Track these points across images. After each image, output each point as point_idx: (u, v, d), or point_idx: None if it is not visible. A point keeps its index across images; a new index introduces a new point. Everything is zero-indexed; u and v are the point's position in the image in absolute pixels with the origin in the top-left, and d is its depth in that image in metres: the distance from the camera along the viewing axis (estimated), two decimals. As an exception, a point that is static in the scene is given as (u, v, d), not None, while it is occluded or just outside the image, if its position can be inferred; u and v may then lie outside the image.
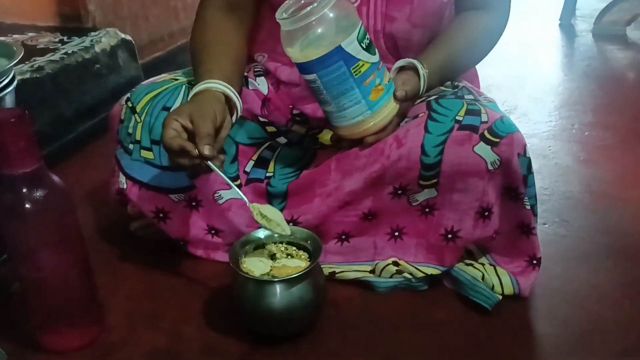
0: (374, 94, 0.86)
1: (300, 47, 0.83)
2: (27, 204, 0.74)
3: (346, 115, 0.88)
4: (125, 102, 0.99)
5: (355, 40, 0.82)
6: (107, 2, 1.74)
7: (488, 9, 0.99)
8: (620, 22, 2.24)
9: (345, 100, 0.86)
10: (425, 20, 0.95)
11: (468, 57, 1.02)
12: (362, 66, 0.83)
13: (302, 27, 0.81)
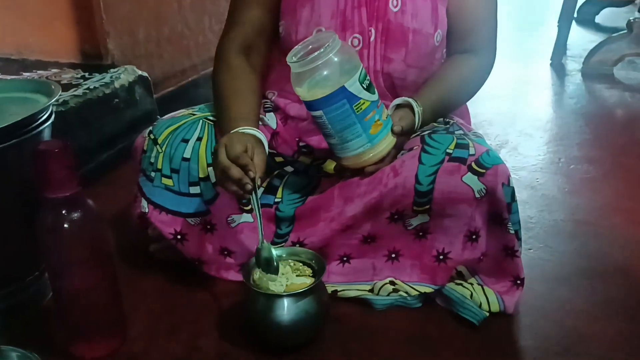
0: (374, 128, 0.96)
1: (308, 87, 0.94)
2: (65, 224, 0.84)
3: (349, 147, 0.98)
4: (147, 135, 1.09)
5: (357, 81, 0.93)
6: (125, 41, 1.87)
7: (476, 53, 1.11)
8: (607, 62, 2.37)
9: (348, 134, 0.96)
10: (419, 62, 1.07)
11: (458, 97, 1.13)
12: (363, 104, 0.94)
13: (310, 69, 0.92)
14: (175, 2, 2.09)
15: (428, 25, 1.05)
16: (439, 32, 1.06)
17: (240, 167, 0.89)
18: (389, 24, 1.03)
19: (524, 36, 3.10)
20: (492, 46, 1.14)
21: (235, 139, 0.93)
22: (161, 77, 2.01)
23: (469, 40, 1.11)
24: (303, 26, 1.05)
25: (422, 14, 1.04)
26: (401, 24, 1.03)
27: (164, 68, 2.06)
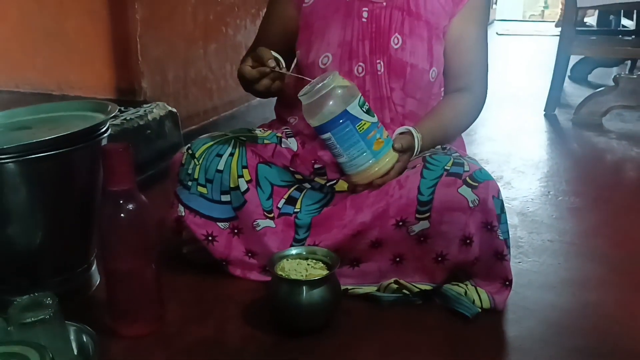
0: (376, 145, 1.13)
1: (317, 115, 1.11)
2: (122, 213, 1.00)
3: (356, 163, 1.14)
4: (186, 150, 1.26)
5: (357, 105, 1.10)
6: (156, 81, 2.08)
7: (470, 90, 1.29)
8: (596, 113, 2.56)
9: (354, 151, 1.12)
10: (415, 93, 1.25)
11: (454, 127, 1.31)
12: (365, 124, 1.11)
13: (317, 100, 1.10)
14: (201, 48, 2.32)
15: (424, 61, 1.23)
16: (434, 69, 1.25)
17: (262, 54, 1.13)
18: (391, 58, 1.22)
19: (520, 89, 3.33)
20: (484, 84, 1.32)
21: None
22: (186, 115, 2.20)
23: (464, 79, 1.29)
24: (313, 52, 1.25)
25: (419, 52, 1.23)
26: (401, 59, 1.22)
27: (188, 107, 2.26)
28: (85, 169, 1.14)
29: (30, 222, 1.11)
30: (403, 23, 1.22)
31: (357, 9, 1.24)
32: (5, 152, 1.02)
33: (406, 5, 1.22)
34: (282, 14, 1.32)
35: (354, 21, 1.23)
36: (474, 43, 1.27)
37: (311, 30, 1.26)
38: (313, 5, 1.26)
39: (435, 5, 1.23)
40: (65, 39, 2.03)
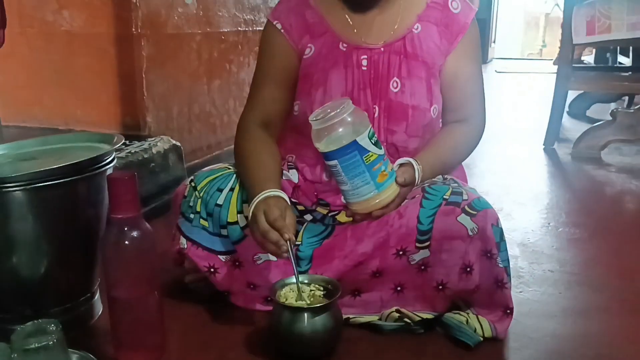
0: (380, 177, 1.14)
1: (325, 141, 1.12)
2: (126, 241, 1.01)
3: (359, 193, 1.15)
4: (189, 182, 1.28)
5: (366, 137, 1.11)
6: (161, 116, 2.12)
7: (467, 122, 1.31)
8: (595, 147, 2.59)
9: (358, 181, 1.13)
10: (418, 132, 1.26)
11: (453, 158, 1.32)
12: (372, 156, 1.12)
13: (328, 127, 1.11)
14: (205, 84, 2.37)
15: (424, 101, 1.24)
16: (434, 107, 1.27)
17: (277, 230, 1.04)
18: (391, 102, 1.22)
19: (519, 124, 3.37)
20: (481, 114, 1.34)
21: (272, 204, 1.07)
22: (189, 150, 2.23)
23: (461, 112, 1.31)
24: (317, 105, 1.22)
25: (419, 92, 1.23)
26: (401, 102, 1.23)
27: (192, 141, 2.30)
28: (90, 198, 1.16)
29: (34, 251, 1.12)
30: (401, 66, 1.23)
31: (357, 58, 1.23)
32: (13, 181, 1.04)
33: (403, 48, 1.24)
34: (286, 61, 1.29)
35: (354, 71, 1.23)
36: (469, 77, 1.30)
37: (311, 82, 1.25)
38: (313, 57, 1.26)
39: (431, 46, 1.25)
40: (73, 76, 2.08)
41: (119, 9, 1.97)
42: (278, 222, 1.04)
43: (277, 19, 1.28)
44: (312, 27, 1.26)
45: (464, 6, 1.27)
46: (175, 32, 2.15)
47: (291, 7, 1.28)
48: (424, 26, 1.24)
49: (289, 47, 1.27)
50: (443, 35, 1.25)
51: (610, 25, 2.49)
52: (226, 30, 2.48)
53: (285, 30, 1.27)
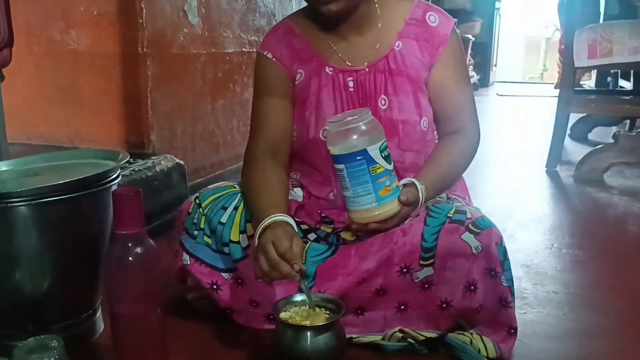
0: (383, 191, 1.15)
1: (339, 145, 1.13)
2: (130, 256, 1.01)
3: (359, 202, 1.15)
4: (194, 200, 1.29)
5: (377, 149, 1.12)
6: (165, 135, 2.13)
7: (461, 133, 1.31)
8: (598, 170, 2.60)
9: (361, 189, 1.13)
10: (411, 146, 1.27)
11: (453, 172, 1.32)
12: (379, 168, 1.13)
13: (343, 131, 1.12)
14: (209, 104, 2.39)
15: (414, 115, 1.26)
16: (424, 119, 1.28)
17: (287, 261, 1.04)
18: (381, 119, 1.23)
19: (522, 146, 3.38)
20: (474, 124, 1.34)
21: (281, 234, 1.06)
22: (192, 168, 2.24)
23: (454, 123, 1.32)
24: (312, 128, 1.27)
25: (407, 107, 1.25)
26: (391, 118, 1.25)
27: (195, 160, 2.31)
28: (94, 215, 1.17)
29: (38, 267, 1.12)
30: (387, 83, 1.26)
31: (343, 80, 1.27)
32: (17, 196, 1.05)
33: (387, 66, 1.26)
34: (283, 86, 1.31)
35: (342, 93, 1.27)
36: (455, 87, 1.31)
37: (304, 106, 1.29)
38: (303, 82, 1.29)
39: (414, 60, 1.27)
40: (78, 94, 2.10)
41: (125, 29, 1.99)
42: (288, 253, 1.03)
43: (267, 49, 1.32)
44: (299, 53, 1.30)
45: (442, 19, 1.29)
46: (180, 52, 2.18)
47: (278, 37, 1.32)
48: (404, 43, 1.27)
49: (283, 74, 1.31)
50: (424, 49, 1.27)
51: (612, 49, 2.51)
52: (231, 51, 2.50)
53: (277, 59, 1.30)
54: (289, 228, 1.09)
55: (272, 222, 1.09)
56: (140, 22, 1.97)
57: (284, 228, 1.08)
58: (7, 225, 1.06)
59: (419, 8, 1.29)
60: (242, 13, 2.58)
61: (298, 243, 1.07)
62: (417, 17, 1.28)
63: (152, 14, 2.01)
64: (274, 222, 1.09)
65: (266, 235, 1.07)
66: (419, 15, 1.28)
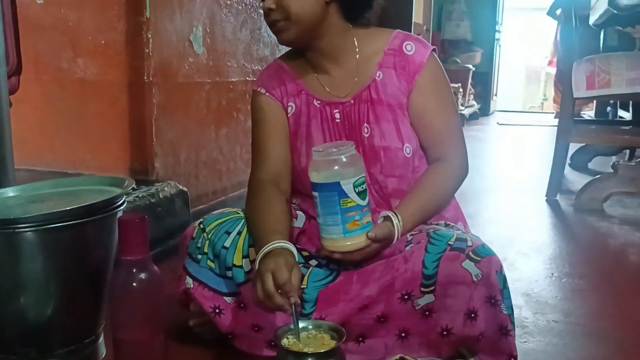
0: (351, 225, 1.16)
1: (316, 172, 1.16)
2: (134, 282, 1.03)
3: (327, 230, 1.17)
4: (198, 225, 1.30)
5: (351, 184, 1.14)
6: (169, 161, 2.15)
7: (446, 160, 1.32)
8: (597, 199, 2.61)
9: (329, 219, 1.16)
10: (394, 171, 1.29)
11: (435, 201, 1.32)
12: (349, 202, 1.15)
13: (323, 160, 1.15)
14: (213, 132, 2.42)
15: (395, 141, 1.28)
16: (407, 146, 1.29)
17: (284, 293, 1.04)
18: (364, 147, 1.28)
19: (522, 175, 3.40)
20: (459, 151, 1.35)
21: (281, 264, 1.07)
22: (195, 195, 2.26)
23: (437, 149, 1.33)
24: (303, 157, 1.31)
25: (388, 134, 1.28)
26: (373, 145, 1.28)
27: (198, 187, 2.33)
28: (100, 241, 1.18)
29: (43, 293, 1.13)
30: (369, 112, 1.30)
31: (330, 112, 1.32)
32: (24, 222, 1.07)
33: (369, 96, 1.30)
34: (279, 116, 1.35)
35: (330, 124, 1.31)
36: (435, 114, 1.32)
37: (296, 137, 1.34)
38: (294, 114, 1.35)
39: (393, 89, 1.30)
40: (84, 121, 2.13)
41: (132, 58, 2.03)
42: (287, 285, 1.04)
43: (261, 86, 1.37)
44: (289, 88, 1.35)
45: (418, 47, 1.31)
46: (185, 80, 2.21)
47: (270, 74, 1.38)
48: (384, 72, 1.30)
49: (277, 107, 1.36)
50: (401, 76, 1.30)
51: (610, 80, 2.55)
52: (235, 80, 2.54)
53: (270, 93, 1.36)
54: (290, 258, 1.10)
55: (273, 249, 1.11)
56: (147, 51, 2.02)
57: (285, 257, 1.09)
58: (13, 250, 1.08)
59: (397, 38, 1.32)
60: (246, 43, 2.63)
61: (297, 274, 1.07)
62: (395, 47, 1.31)
63: (159, 43, 2.05)
64: (275, 248, 1.11)
65: (267, 262, 1.08)
66: (397, 45, 1.31)
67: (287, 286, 1.04)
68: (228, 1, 2.47)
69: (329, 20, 1.26)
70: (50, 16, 2.10)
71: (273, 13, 1.22)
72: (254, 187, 1.32)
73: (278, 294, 1.04)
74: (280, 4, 1.21)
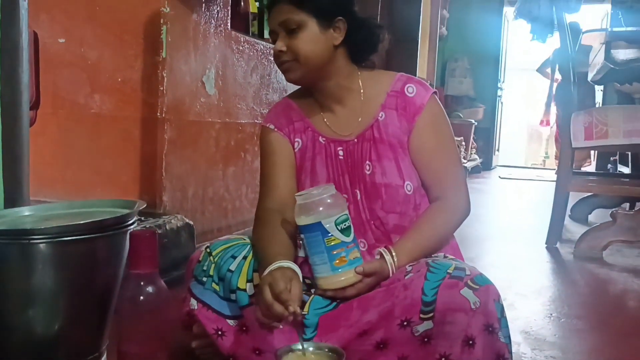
0: (338, 262, 1.20)
1: (300, 215, 1.21)
2: (142, 296, 1.06)
3: (316, 269, 1.22)
4: (205, 249, 1.35)
5: (333, 222, 1.19)
6: (176, 196, 2.21)
7: (446, 199, 1.36)
8: (597, 248, 2.64)
9: (317, 259, 1.21)
10: (395, 208, 1.33)
11: (432, 240, 1.35)
12: (333, 240, 1.19)
13: (305, 204, 1.21)
14: (220, 170, 2.48)
15: (396, 179, 1.33)
16: (408, 183, 1.34)
17: (282, 303, 1.09)
18: (366, 184, 1.33)
19: (522, 224, 3.43)
20: (459, 192, 1.38)
21: (278, 276, 1.12)
22: (201, 231, 2.30)
23: (436, 189, 1.38)
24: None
25: (390, 171, 1.33)
26: (374, 182, 1.33)
27: (204, 223, 2.37)
28: (110, 258, 1.22)
29: (52, 307, 1.16)
30: (371, 150, 1.35)
31: (334, 149, 1.38)
32: (40, 233, 1.11)
33: (372, 135, 1.36)
34: (286, 150, 1.41)
35: (333, 160, 1.37)
36: (434, 154, 1.37)
37: (301, 171, 1.39)
38: (301, 150, 1.41)
39: (395, 129, 1.36)
40: (96, 155, 2.20)
41: (147, 95, 2.12)
42: (283, 294, 1.08)
43: (269, 122, 1.44)
44: (296, 125, 1.42)
45: (419, 89, 1.37)
46: (196, 119, 2.30)
47: (278, 111, 1.45)
48: (387, 113, 1.36)
49: (285, 141, 1.42)
50: (402, 117, 1.36)
51: (608, 132, 2.62)
52: (244, 122, 2.63)
53: (278, 129, 1.42)
54: (288, 271, 1.14)
55: (274, 268, 1.15)
56: (161, 89, 2.11)
57: (282, 271, 1.13)
58: (27, 261, 1.12)
59: (400, 81, 1.39)
60: (256, 87, 2.73)
61: (297, 285, 1.11)
62: (397, 89, 1.38)
63: (173, 82, 2.14)
64: (277, 267, 1.15)
65: (265, 277, 1.13)
66: (399, 87, 1.38)
67: (284, 295, 1.07)
68: (240, 47, 2.59)
69: (337, 62, 1.34)
70: (71, 54, 2.20)
71: (283, 54, 1.29)
72: (261, 216, 1.37)
73: (276, 303, 1.07)
74: (291, 47, 1.28)
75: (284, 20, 1.27)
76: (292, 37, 1.28)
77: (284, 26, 1.28)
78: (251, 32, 2.81)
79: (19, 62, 1.40)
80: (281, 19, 1.28)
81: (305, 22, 1.27)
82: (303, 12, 1.27)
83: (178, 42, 2.16)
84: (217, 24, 2.39)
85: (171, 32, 2.11)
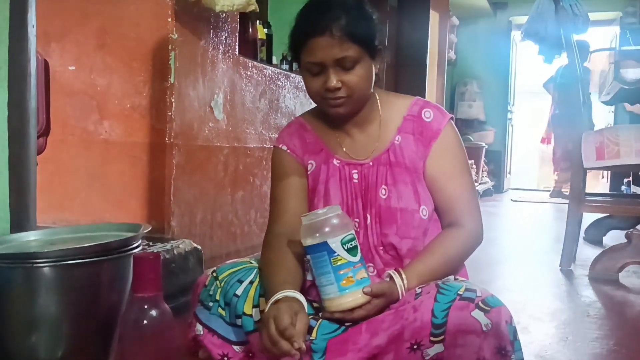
0: (345, 282, 1.18)
1: (305, 236, 1.20)
2: (145, 320, 1.05)
3: (323, 291, 1.20)
4: (211, 273, 1.33)
5: (339, 242, 1.17)
6: (185, 221, 2.20)
7: (459, 225, 1.34)
8: (612, 269, 2.59)
9: (323, 279, 1.18)
10: (409, 233, 1.31)
11: (444, 265, 1.31)
12: (340, 260, 1.17)
13: (311, 224, 1.19)
14: (229, 195, 2.47)
15: (412, 203, 1.31)
16: (423, 207, 1.33)
17: (287, 339, 1.06)
18: (380, 208, 1.30)
19: (536, 247, 3.38)
20: (473, 218, 1.36)
21: (283, 309, 1.10)
22: (209, 256, 2.29)
23: (451, 214, 1.36)
24: None
25: (405, 196, 1.31)
26: (389, 206, 1.31)
27: (212, 248, 2.36)
28: (114, 282, 1.21)
29: (55, 331, 1.15)
30: (387, 175, 1.33)
31: (348, 172, 1.36)
32: (43, 257, 1.11)
33: (388, 159, 1.35)
34: (298, 173, 1.40)
35: (347, 183, 1.35)
36: (449, 180, 1.36)
37: (314, 193, 1.37)
38: (315, 171, 1.39)
39: (410, 153, 1.35)
40: (105, 180, 2.21)
41: (155, 121, 2.13)
42: (288, 330, 1.06)
43: (282, 143, 1.42)
44: (310, 146, 1.40)
45: (436, 114, 1.37)
46: (205, 144, 2.30)
47: (291, 132, 1.43)
48: (403, 137, 1.35)
49: (297, 163, 1.40)
50: (419, 141, 1.35)
51: (619, 152, 2.59)
52: (252, 146, 2.63)
53: (291, 150, 1.41)
54: (294, 304, 1.12)
55: (281, 298, 1.13)
56: (170, 114, 2.12)
57: (288, 303, 1.11)
58: (31, 285, 1.11)
59: (417, 105, 1.38)
60: (264, 112, 2.74)
61: (302, 319, 1.09)
62: (414, 114, 1.37)
63: (181, 107, 2.15)
64: (282, 297, 1.13)
65: (271, 310, 1.10)
66: (416, 112, 1.37)
67: (289, 331, 1.05)
68: (248, 72, 2.60)
69: None
70: (81, 81, 2.23)
71: (339, 91, 1.26)
72: (269, 240, 1.35)
73: (282, 340, 1.05)
74: (346, 82, 1.25)
75: (341, 58, 1.23)
76: (347, 72, 1.25)
77: (340, 63, 1.24)
78: (259, 58, 2.83)
79: (27, 88, 1.41)
80: (336, 56, 1.23)
81: (360, 57, 1.24)
82: (356, 44, 1.23)
83: (186, 68, 2.18)
84: (225, 50, 2.41)
85: (179, 58, 2.13)
